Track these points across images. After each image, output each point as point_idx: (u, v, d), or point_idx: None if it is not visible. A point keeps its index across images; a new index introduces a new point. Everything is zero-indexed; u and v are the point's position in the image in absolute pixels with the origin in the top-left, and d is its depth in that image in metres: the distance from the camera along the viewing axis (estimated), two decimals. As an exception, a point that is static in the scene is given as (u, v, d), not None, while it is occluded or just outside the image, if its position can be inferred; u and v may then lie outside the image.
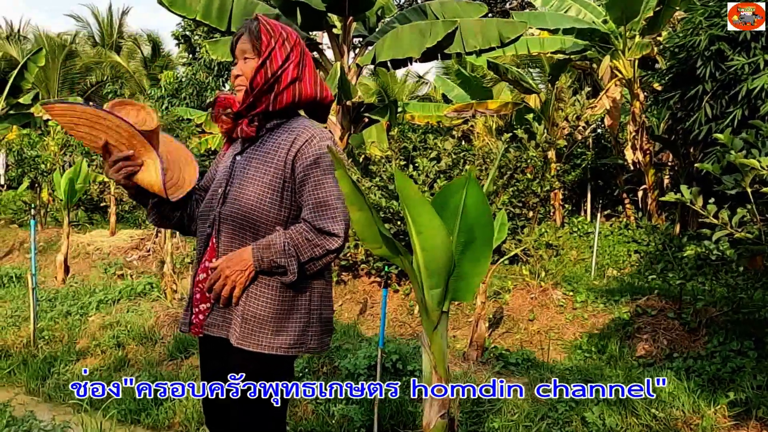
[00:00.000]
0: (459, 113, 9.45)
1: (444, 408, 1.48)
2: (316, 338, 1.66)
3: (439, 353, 1.49)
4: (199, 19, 6.64)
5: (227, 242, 1.64)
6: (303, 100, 1.70)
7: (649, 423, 3.27)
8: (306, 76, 1.70)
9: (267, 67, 1.66)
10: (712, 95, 6.43)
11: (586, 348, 5.05)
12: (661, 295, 5.63)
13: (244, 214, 1.63)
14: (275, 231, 1.62)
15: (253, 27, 1.71)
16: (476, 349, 4.25)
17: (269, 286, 1.61)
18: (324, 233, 1.59)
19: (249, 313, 1.60)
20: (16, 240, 9.73)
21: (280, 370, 1.64)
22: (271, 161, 1.65)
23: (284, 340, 1.60)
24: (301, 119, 1.73)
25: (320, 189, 1.61)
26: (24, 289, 5.87)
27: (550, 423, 3.36)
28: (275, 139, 1.69)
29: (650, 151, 8.85)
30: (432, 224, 1.43)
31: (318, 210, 1.60)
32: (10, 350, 4.74)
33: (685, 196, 2.83)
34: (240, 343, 1.58)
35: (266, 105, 1.67)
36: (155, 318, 4.96)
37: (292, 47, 1.69)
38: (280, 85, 1.66)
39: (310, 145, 1.64)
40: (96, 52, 21.23)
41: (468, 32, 6.53)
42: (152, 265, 8.28)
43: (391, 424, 3.52)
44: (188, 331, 1.71)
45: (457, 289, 1.52)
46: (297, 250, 1.58)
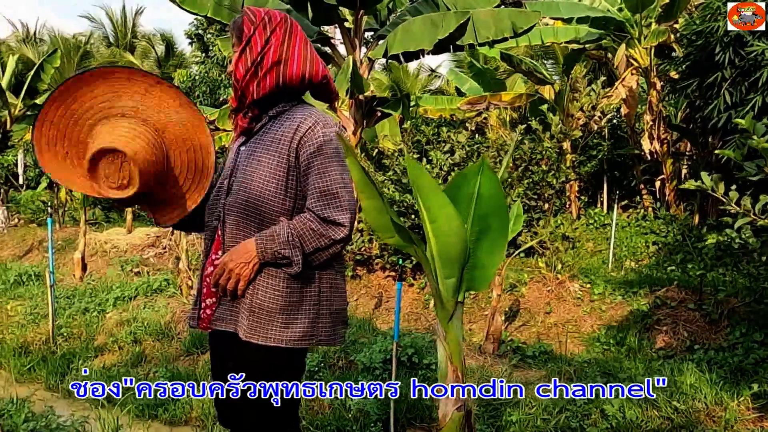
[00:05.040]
0: (473, 106, 9.34)
1: (460, 401, 1.45)
2: (327, 330, 1.63)
3: (454, 344, 1.46)
4: (210, 16, 6.63)
5: (232, 234, 1.62)
6: (289, 82, 1.64)
7: (671, 415, 3.21)
8: (292, 57, 1.64)
9: (247, 55, 1.63)
10: (732, 82, 6.30)
11: (605, 340, 4.98)
12: (681, 286, 5.54)
13: (248, 204, 1.61)
14: (280, 221, 1.59)
15: (238, 19, 1.69)
16: (493, 342, 4.20)
17: (276, 278, 1.58)
18: (329, 223, 1.55)
19: (256, 305, 1.57)
20: (35, 239, 9.86)
21: (290, 363, 1.62)
22: (275, 150, 1.62)
23: (293, 333, 1.58)
24: (304, 105, 1.70)
25: (325, 177, 1.57)
26: (43, 286, 5.94)
27: (568, 416, 3.32)
28: (278, 127, 1.66)
29: (668, 140, 8.70)
30: (445, 212, 1.39)
31: (323, 199, 1.56)
32: (30, 347, 4.79)
33: (705, 183, 2.76)
34: (248, 336, 1.56)
35: (252, 94, 1.63)
36: (171, 314, 4.99)
37: (274, 29, 1.64)
38: (261, 70, 1.62)
39: (313, 131, 1.60)
40: (110, 53, 21.41)
41: (480, 23, 6.44)
42: (168, 262, 8.33)
43: (407, 418, 3.50)
44: (197, 326, 1.70)
45: (472, 278, 1.49)
46: (301, 240, 1.55)
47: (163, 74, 22.48)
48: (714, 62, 6.30)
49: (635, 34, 8.36)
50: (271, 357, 1.58)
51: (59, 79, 14.73)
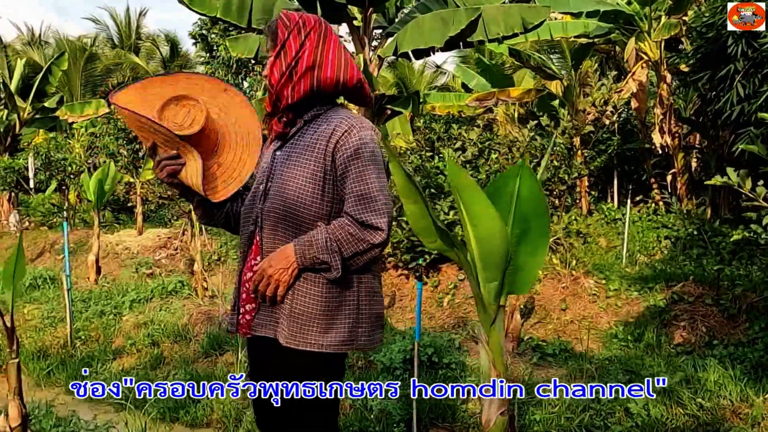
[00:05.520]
0: (481, 102, 9.32)
1: (504, 405, 1.44)
2: (366, 335, 1.62)
3: (497, 348, 1.45)
4: (219, 17, 6.63)
5: (270, 239, 1.61)
6: (324, 86, 1.64)
7: (696, 413, 3.19)
8: (326, 61, 1.64)
9: (281, 60, 1.63)
10: (744, 74, 6.26)
11: (622, 337, 4.95)
12: (697, 281, 5.50)
13: (286, 209, 1.60)
14: (318, 226, 1.59)
15: (272, 23, 1.69)
16: (512, 340, 4.19)
17: (315, 283, 1.58)
18: (367, 227, 1.55)
19: (296, 311, 1.57)
20: (46, 242, 9.89)
21: (330, 368, 1.61)
22: (311, 154, 1.61)
23: (333, 338, 1.57)
24: (339, 109, 1.69)
25: (362, 181, 1.56)
26: (58, 290, 5.96)
27: (592, 414, 3.30)
28: (313, 131, 1.65)
29: (679, 134, 8.65)
30: (487, 215, 1.38)
31: (360, 203, 1.56)
32: (48, 351, 4.80)
33: (732, 179, 2.73)
34: (289, 342, 1.56)
35: (287, 98, 1.64)
36: (188, 316, 5.00)
37: (308, 34, 1.64)
38: (296, 74, 1.62)
39: (349, 135, 1.59)
40: (115, 54, 21.47)
41: (490, 19, 6.41)
42: (180, 263, 8.35)
43: (429, 418, 3.49)
44: (236, 331, 1.69)
45: (513, 282, 1.47)
46: (340, 245, 1.55)
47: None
48: (726, 54, 6.25)
49: (645, 28, 8.31)
50: (311, 362, 1.57)
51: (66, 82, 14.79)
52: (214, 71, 15.71)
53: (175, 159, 1.62)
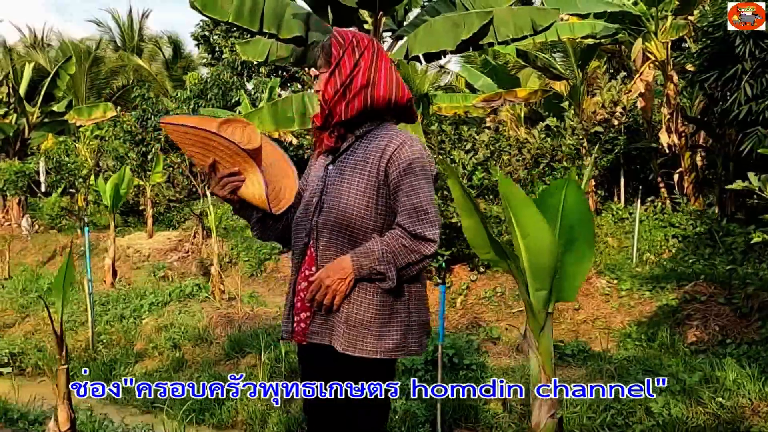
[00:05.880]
0: (488, 103, 9.39)
1: (553, 408, 1.51)
2: (416, 340, 1.69)
3: (546, 354, 1.52)
4: (231, 21, 6.68)
5: (325, 250, 1.68)
6: (377, 104, 1.71)
7: (716, 412, 3.25)
8: (379, 80, 1.71)
9: (336, 78, 1.69)
10: (752, 74, 6.31)
11: (636, 336, 5.01)
12: (708, 280, 5.56)
13: (341, 222, 1.67)
14: (371, 238, 1.65)
15: (326, 41, 1.74)
16: (530, 341, 4.25)
17: (370, 292, 1.65)
18: (420, 239, 1.61)
19: (352, 319, 1.63)
20: (57, 245, 9.95)
21: (383, 372, 1.68)
22: (364, 169, 1.68)
23: (387, 344, 1.64)
24: (389, 126, 1.75)
25: (415, 195, 1.63)
26: (75, 294, 6.02)
27: (614, 413, 3.37)
28: (365, 146, 1.71)
29: (685, 133, 8.71)
30: (538, 227, 1.45)
31: (413, 216, 1.62)
32: (70, 354, 4.86)
33: (753, 183, 2.79)
34: (346, 349, 1.62)
35: (340, 114, 1.70)
36: (208, 319, 5.06)
37: (362, 53, 1.70)
38: (350, 92, 1.69)
39: (401, 151, 1.66)
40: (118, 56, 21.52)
41: (500, 22, 6.47)
42: (192, 266, 8.42)
43: (453, 419, 3.56)
44: (290, 338, 1.75)
45: (561, 289, 1.54)
46: (394, 256, 1.61)
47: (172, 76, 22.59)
48: (733, 54, 6.31)
49: (651, 28, 8.36)
50: (366, 368, 1.64)
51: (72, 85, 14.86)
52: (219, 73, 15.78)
53: (236, 175, 1.70)
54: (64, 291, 2.19)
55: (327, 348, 1.67)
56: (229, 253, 8.27)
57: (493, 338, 4.80)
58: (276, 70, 18.33)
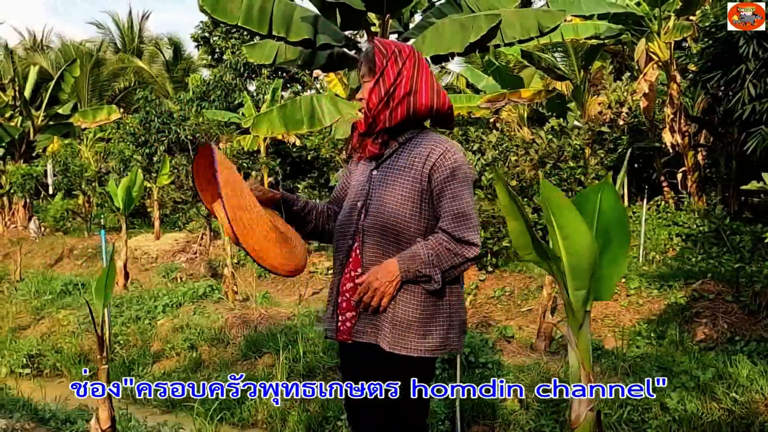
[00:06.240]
0: (492, 103, 9.46)
1: (592, 402, 1.57)
2: (456, 339, 1.76)
3: (585, 350, 1.58)
4: (241, 24, 6.73)
5: (371, 252, 1.75)
6: (419, 112, 1.78)
7: (731, 407, 3.32)
8: (421, 88, 1.78)
9: (380, 86, 1.76)
10: (755, 74, 6.39)
11: (646, 334, 5.08)
12: (716, 278, 5.64)
13: (386, 225, 1.73)
14: (416, 241, 1.72)
15: (369, 50, 1.81)
16: (544, 339, 4.33)
17: (414, 293, 1.72)
18: (463, 242, 1.69)
19: (398, 319, 1.70)
20: (64, 247, 9.99)
21: (426, 370, 1.75)
22: (408, 175, 1.75)
23: (430, 343, 1.71)
24: (431, 133, 1.82)
25: (458, 200, 1.70)
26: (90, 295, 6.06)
27: (630, 410, 3.43)
28: (409, 153, 1.78)
29: (689, 132, 8.79)
30: (578, 229, 1.51)
31: (457, 220, 1.70)
32: (88, 355, 4.93)
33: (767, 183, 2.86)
34: (392, 347, 1.69)
35: (384, 122, 1.76)
36: (224, 319, 5.11)
37: (405, 62, 1.77)
38: (393, 100, 1.76)
39: (445, 158, 1.73)
40: (118, 58, 21.55)
41: (507, 23, 6.53)
42: (200, 267, 8.47)
43: (471, 416, 3.62)
44: (335, 337, 1.82)
45: (598, 289, 1.60)
46: (439, 259, 1.68)
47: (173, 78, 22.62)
48: (737, 55, 6.39)
49: (654, 28, 8.44)
50: (410, 365, 1.71)
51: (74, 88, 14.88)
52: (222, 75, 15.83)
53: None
54: (106, 293, 2.25)
55: (372, 347, 1.73)
56: (238, 254, 8.32)
57: (507, 337, 4.88)
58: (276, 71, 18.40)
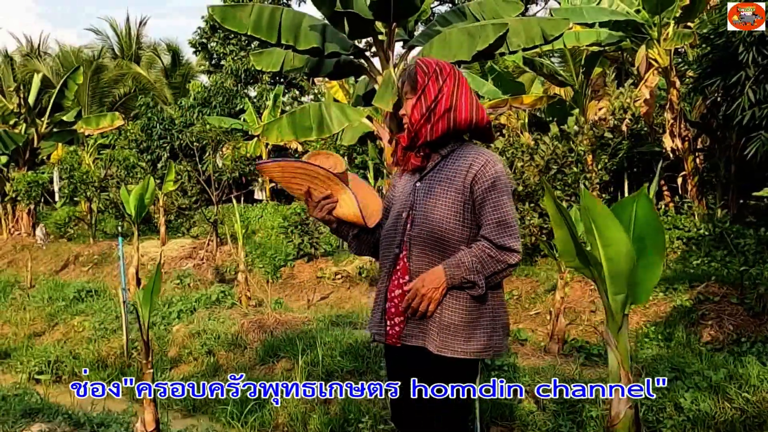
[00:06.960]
0: (495, 109, 9.59)
1: (631, 400, 1.67)
2: (500, 341, 1.85)
3: (624, 351, 1.68)
4: (250, 33, 6.83)
5: (418, 260, 1.84)
6: (459, 126, 1.88)
7: (743, 407, 3.42)
8: (461, 104, 1.88)
9: (422, 103, 1.87)
10: (755, 80, 6.53)
11: (653, 336, 5.19)
12: (720, 281, 5.75)
13: (432, 234, 1.83)
14: (459, 249, 1.82)
15: (411, 69, 1.92)
16: (557, 342, 4.42)
17: (459, 298, 1.81)
18: (505, 249, 1.79)
19: (444, 323, 1.80)
20: (70, 254, 10.03)
21: (470, 372, 1.84)
22: (451, 185, 1.85)
23: (475, 346, 1.80)
24: (472, 146, 1.92)
25: (499, 209, 1.80)
26: (102, 301, 6.14)
27: (644, 410, 3.53)
28: (451, 165, 1.88)
29: (688, 137, 8.94)
30: (618, 238, 1.61)
31: (499, 228, 1.79)
32: (106, 361, 4.99)
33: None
34: (440, 350, 1.79)
35: (425, 136, 1.87)
36: (239, 325, 5.19)
37: (445, 79, 1.88)
38: (435, 115, 1.86)
39: (486, 169, 1.83)
40: (117, 64, 21.59)
41: (513, 32, 6.66)
42: (207, 273, 8.54)
43: (490, 417, 3.71)
44: (384, 341, 1.91)
45: (634, 294, 1.71)
46: (482, 266, 1.78)
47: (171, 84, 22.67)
48: (737, 61, 6.53)
49: (654, 35, 8.60)
50: (456, 367, 1.80)
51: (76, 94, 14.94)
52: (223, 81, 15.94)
53: (329, 198, 1.88)
54: (151, 300, 2.33)
55: (420, 350, 1.83)
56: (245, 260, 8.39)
57: (521, 340, 4.97)
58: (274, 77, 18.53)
